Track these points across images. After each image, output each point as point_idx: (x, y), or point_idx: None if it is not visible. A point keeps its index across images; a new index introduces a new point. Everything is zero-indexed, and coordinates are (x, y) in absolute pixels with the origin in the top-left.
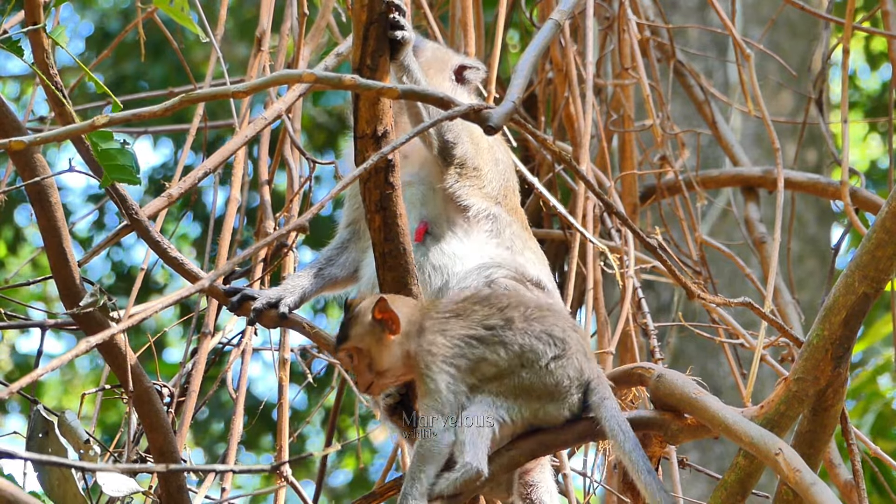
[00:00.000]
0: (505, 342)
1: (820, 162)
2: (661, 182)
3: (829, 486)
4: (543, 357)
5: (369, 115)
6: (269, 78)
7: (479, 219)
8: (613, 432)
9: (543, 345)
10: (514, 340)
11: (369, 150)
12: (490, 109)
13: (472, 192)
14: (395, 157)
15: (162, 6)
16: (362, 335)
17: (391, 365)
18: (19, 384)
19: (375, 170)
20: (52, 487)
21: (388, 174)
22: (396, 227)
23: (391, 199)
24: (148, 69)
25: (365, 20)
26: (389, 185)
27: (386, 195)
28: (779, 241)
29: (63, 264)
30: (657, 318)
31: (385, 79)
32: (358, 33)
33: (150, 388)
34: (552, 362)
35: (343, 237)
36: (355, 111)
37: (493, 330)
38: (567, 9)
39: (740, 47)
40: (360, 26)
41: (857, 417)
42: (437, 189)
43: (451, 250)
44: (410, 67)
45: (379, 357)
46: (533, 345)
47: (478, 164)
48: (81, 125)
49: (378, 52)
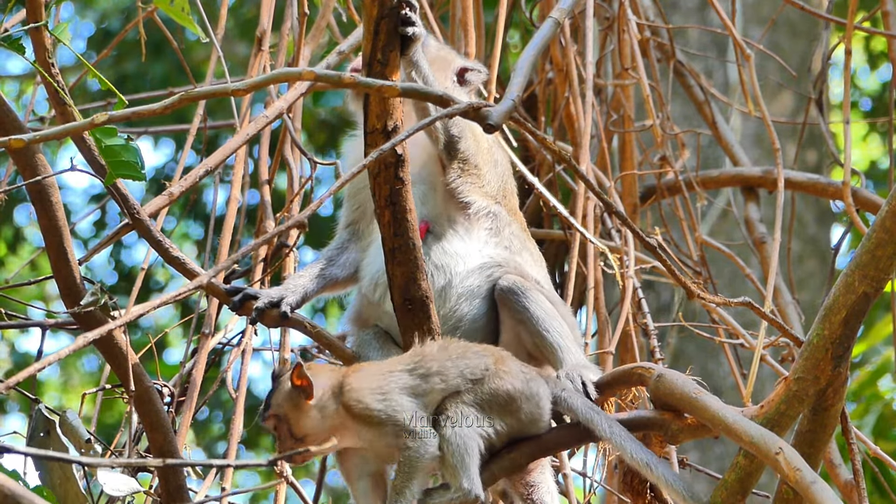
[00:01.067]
0: (438, 371)
1: (820, 162)
2: (661, 182)
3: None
4: (485, 367)
5: (379, 111)
6: (269, 76)
7: (479, 216)
8: (588, 418)
9: (479, 359)
10: (445, 367)
11: (379, 145)
12: (489, 108)
13: (472, 190)
14: (405, 153)
15: (162, 6)
16: (281, 403)
17: (311, 430)
18: (16, 379)
19: (385, 165)
20: (54, 486)
21: (397, 169)
22: (406, 223)
23: (401, 195)
24: (149, 68)
25: (376, 15)
26: (399, 181)
27: (396, 190)
28: (779, 241)
29: (63, 264)
30: (657, 318)
31: (395, 73)
32: (369, 28)
33: (150, 387)
34: (495, 375)
35: (343, 238)
36: (365, 106)
37: (418, 371)
38: (566, 7)
39: (740, 47)
40: (371, 21)
41: (858, 418)
42: (437, 188)
43: (454, 249)
44: (420, 64)
45: (297, 423)
46: (468, 363)
47: (478, 162)
48: (81, 123)
49: (389, 47)
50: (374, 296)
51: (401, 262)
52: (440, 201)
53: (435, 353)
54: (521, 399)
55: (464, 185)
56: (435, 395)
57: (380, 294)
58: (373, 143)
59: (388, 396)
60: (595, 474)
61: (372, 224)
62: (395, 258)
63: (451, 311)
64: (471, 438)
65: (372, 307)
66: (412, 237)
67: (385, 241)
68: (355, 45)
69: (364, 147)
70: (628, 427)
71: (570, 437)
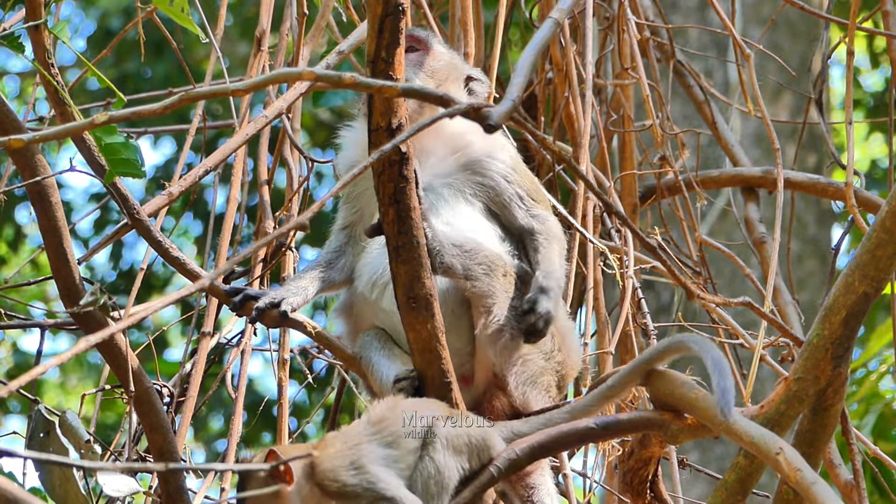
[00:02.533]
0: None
1: (820, 162)
2: (660, 182)
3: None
4: (437, 429)
5: (384, 108)
6: (269, 76)
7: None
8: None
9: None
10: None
11: (384, 143)
12: (490, 108)
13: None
14: (410, 150)
15: (161, 6)
16: (262, 500)
17: None
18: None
19: (389, 163)
20: (54, 487)
21: (401, 167)
22: (410, 220)
23: (405, 192)
24: (150, 68)
25: (380, 13)
26: (403, 178)
27: (400, 188)
28: (779, 241)
29: (63, 264)
30: (657, 319)
31: (399, 71)
32: (373, 26)
33: (149, 388)
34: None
35: (340, 240)
36: (370, 104)
37: (385, 439)
38: (566, 7)
39: (740, 47)
40: (376, 19)
41: (858, 418)
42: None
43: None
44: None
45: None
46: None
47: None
48: (81, 123)
49: (393, 45)
50: (371, 295)
51: (405, 259)
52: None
53: (391, 416)
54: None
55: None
56: (409, 457)
57: (377, 293)
58: (377, 140)
59: (362, 469)
60: (595, 474)
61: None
62: (399, 256)
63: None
64: (451, 471)
65: (368, 305)
66: (416, 235)
67: (389, 239)
68: (355, 45)
69: (368, 145)
70: (628, 427)
71: (570, 437)
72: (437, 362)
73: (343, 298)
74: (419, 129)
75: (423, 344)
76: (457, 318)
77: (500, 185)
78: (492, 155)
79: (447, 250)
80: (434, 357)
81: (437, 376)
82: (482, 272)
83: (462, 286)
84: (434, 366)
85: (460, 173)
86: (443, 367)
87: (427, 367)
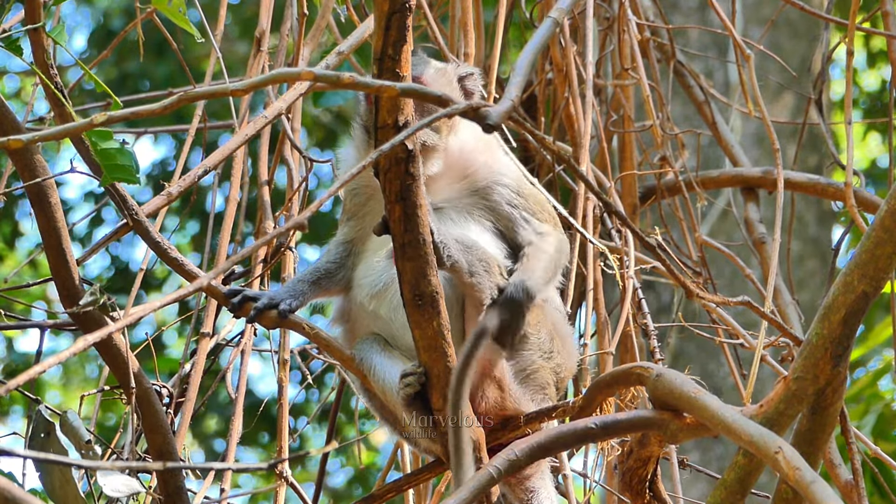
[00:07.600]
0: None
1: (820, 163)
2: (661, 182)
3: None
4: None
5: (390, 106)
6: (269, 76)
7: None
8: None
9: None
10: None
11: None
12: (489, 108)
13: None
14: (416, 148)
15: (160, 6)
16: None
17: None
18: (16, 382)
19: (396, 160)
20: (54, 489)
21: (408, 164)
22: (416, 218)
23: (412, 190)
24: (151, 68)
25: (387, 10)
26: (410, 176)
27: (406, 186)
28: (779, 241)
29: (62, 265)
30: (657, 319)
31: (406, 68)
32: (380, 23)
33: (149, 389)
34: None
35: (340, 253)
36: (376, 101)
37: None
38: (565, 6)
39: (740, 48)
40: (383, 16)
41: (858, 418)
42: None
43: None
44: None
45: None
46: None
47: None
48: (80, 123)
49: (400, 42)
50: (370, 305)
51: (411, 257)
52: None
53: None
54: None
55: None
56: None
57: (376, 304)
58: (383, 138)
59: None
60: (595, 474)
61: (369, 241)
62: (405, 254)
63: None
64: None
65: (366, 313)
66: (422, 233)
67: (395, 237)
68: (355, 46)
69: (374, 142)
70: (628, 427)
71: (569, 438)
72: (443, 360)
73: (339, 306)
74: (419, 128)
75: (429, 341)
76: (455, 318)
77: (505, 209)
78: (497, 181)
79: (452, 244)
80: (440, 354)
81: (443, 373)
82: (483, 269)
83: (465, 281)
84: (440, 363)
85: (467, 198)
86: (448, 364)
87: (433, 365)
